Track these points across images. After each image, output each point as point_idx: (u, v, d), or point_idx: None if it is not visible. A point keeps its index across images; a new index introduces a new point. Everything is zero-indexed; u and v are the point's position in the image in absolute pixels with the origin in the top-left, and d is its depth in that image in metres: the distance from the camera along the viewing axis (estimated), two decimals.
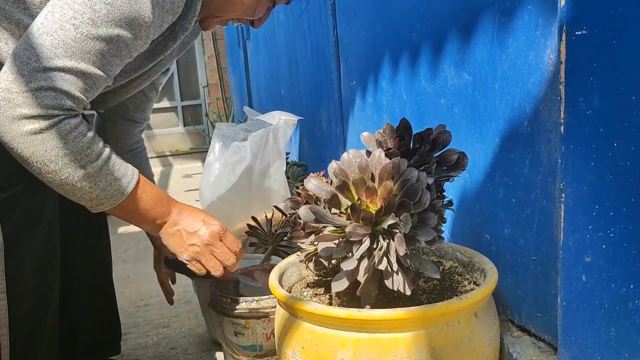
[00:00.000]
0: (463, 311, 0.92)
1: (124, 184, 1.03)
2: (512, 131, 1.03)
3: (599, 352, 0.95)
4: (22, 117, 0.91)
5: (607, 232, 0.91)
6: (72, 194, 1.00)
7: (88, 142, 0.97)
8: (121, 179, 1.03)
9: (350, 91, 1.99)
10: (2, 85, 0.92)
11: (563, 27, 0.85)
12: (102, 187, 1.00)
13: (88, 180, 0.98)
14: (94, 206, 1.03)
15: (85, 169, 0.97)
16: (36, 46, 0.92)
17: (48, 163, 0.95)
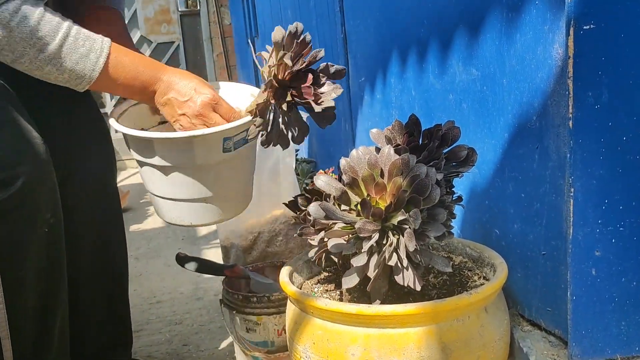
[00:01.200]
0: (473, 306, 0.92)
1: (92, 60, 0.98)
2: (520, 126, 1.03)
3: (609, 346, 0.95)
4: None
5: (617, 226, 0.91)
6: (47, 79, 0.98)
7: (35, 23, 0.94)
8: (88, 55, 0.98)
9: (359, 88, 2.00)
10: None
11: (571, 21, 0.85)
12: (70, 67, 0.97)
13: (51, 64, 0.96)
14: (74, 86, 1.01)
15: (44, 51, 0.94)
16: None
17: (6, 53, 0.94)
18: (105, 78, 1.00)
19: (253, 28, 4.62)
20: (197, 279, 2.12)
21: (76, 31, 0.97)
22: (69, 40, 0.96)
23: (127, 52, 1.03)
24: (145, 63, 1.04)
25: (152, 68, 1.05)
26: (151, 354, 1.62)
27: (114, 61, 1.00)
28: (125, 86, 1.03)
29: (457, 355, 0.91)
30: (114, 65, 1.00)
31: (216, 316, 1.80)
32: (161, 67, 1.06)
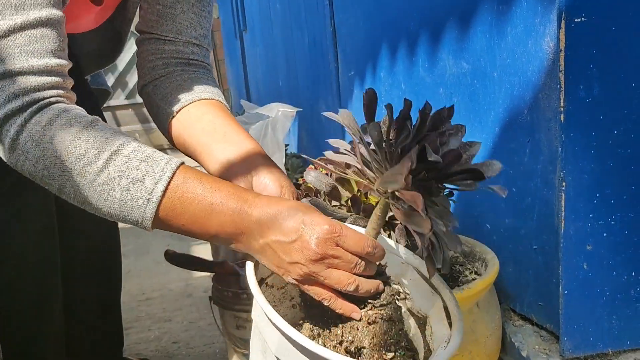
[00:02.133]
0: (465, 301, 0.92)
1: (147, 186, 0.70)
2: (511, 120, 1.03)
3: (601, 340, 0.95)
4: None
5: (608, 220, 0.91)
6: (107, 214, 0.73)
7: (73, 136, 0.70)
8: (143, 179, 0.70)
9: (349, 82, 1.98)
10: None
11: (562, 14, 0.84)
12: (120, 197, 0.70)
13: (97, 192, 0.70)
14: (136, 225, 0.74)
15: (85, 175, 0.69)
16: None
17: (47, 180, 0.71)
18: (167, 215, 0.71)
19: (241, 22, 4.59)
20: (187, 275, 2.10)
21: (132, 149, 0.71)
22: (117, 160, 0.70)
23: (201, 177, 0.73)
24: (228, 193, 0.72)
25: (237, 200, 0.72)
26: (140, 352, 1.60)
27: (180, 189, 0.71)
28: (197, 228, 0.73)
29: None
30: (179, 195, 0.71)
31: (206, 313, 1.78)
32: (248, 198, 0.73)
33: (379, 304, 0.73)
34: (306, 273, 0.69)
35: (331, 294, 0.71)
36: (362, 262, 0.70)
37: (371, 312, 0.73)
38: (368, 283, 0.72)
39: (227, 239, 0.73)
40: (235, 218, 0.71)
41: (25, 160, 0.69)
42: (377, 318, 0.72)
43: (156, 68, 1.02)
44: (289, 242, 0.69)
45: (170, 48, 1.02)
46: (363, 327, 0.72)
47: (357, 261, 0.70)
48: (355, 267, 0.70)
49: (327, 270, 0.69)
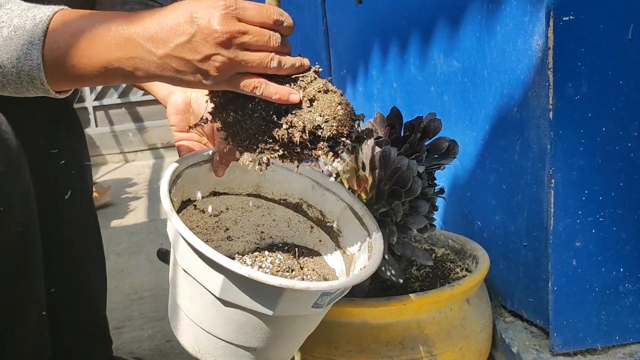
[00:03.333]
0: (455, 298, 0.92)
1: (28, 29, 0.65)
2: (501, 118, 1.03)
3: (590, 335, 0.96)
4: None
5: (597, 217, 0.92)
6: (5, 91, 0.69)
7: None
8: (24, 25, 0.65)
9: (341, 80, 1.99)
10: None
11: (550, 12, 0.85)
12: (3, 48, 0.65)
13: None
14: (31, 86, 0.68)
15: None
16: None
17: None
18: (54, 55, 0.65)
19: None
20: None
21: (15, 3, 0.67)
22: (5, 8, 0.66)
23: (83, 12, 0.68)
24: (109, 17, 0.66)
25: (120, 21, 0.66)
26: (134, 351, 1.60)
27: (60, 26, 0.65)
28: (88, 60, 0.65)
29: (440, 347, 0.91)
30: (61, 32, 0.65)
31: None
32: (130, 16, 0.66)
33: (309, 79, 0.68)
34: (222, 62, 0.63)
35: (260, 79, 0.65)
36: (276, 33, 0.65)
37: (307, 90, 0.67)
38: (290, 58, 0.66)
39: (121, 69, 0.66)
40: (120, 39, 0.64)
41: None
42: (315, 94, 0.67)
43: (115, 6, 0.98)
44: (188, 39, 0.62)
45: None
46: (305, 108, 0.67)
47: (269, 34, 0.64)
48: (269, 40, 0.64)
49: (243, 52, 0.63)
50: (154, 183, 4.01)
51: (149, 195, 3.65)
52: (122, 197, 3.62)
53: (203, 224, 0.88)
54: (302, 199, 0.89)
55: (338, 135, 0.66)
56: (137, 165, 4.89)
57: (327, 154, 0.67)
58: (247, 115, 0.67)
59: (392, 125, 0.98)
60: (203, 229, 0.88)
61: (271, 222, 0.91)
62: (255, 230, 0.91)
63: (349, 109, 0.68)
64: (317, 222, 0.89)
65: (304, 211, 0.89)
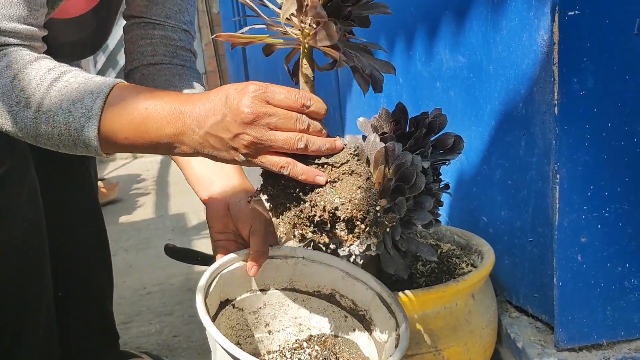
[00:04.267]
0: (461, 293, 0.92)
1: (86, 103, 0.72)
2: (507, 113, 1.03)
3: (595, 331, 0.96)
4: None
5: (602, 212, 0.92)
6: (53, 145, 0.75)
7: (18, 70, 0.73)
8: (83, 99, 0.72)
9: (347, 76, 1.99)
10: None
11: (556, 7, 0.84)
12: (63, 119, 0.72)
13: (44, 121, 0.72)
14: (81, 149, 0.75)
15: (30, 106, 0.72)
16: None
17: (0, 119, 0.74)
18: (110, 129, 0.72)
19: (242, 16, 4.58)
20: (188, 270, 2.11)
21: (72, 75, 0.74)
22: (58, 84, 0.72)
23: (137, 88, 0.75)
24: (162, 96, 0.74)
25: (172, 101, 0.73)
26: (141, 345, 1.62)
27: (117, 101, 0.72)
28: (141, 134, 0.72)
29: (445, 342, 0.91)
30: (117, 107, 0.72)
31: None
32: (181, 97, 0.73)
33: (339, 164, 0.70)
34: (250, 141, 0.67)
35: (287, 159, 0.68)
36: (303, 116, 0.69)
37: (332, 173, 0.70)
38: (319, 139, 0.69)
39: (170, 144, 0.72)
40: (171, 118, 0.70)
41: None
42: (339, 175, 0.70)
43: (145, 54, 1.04)
44: (221, 118, 0.67)
45: (159, 33, 1.04)
46: (328, 189, 0.69)
47: (296, 116, 0.68)
48: (297, 122, 0.68)
49: (270, 132, 0.67)
50: (162, 179, 4.03)
51: (157, 191, 3.67)
52: (130, 193, 3.64)
53: (243, 322, 0.92)
54: (335, 290, 0.91)
55: (352, 219, 0.68)
56: (145, 161, 4.91)
57: (347, 235, 0.69)
58: (280, 190, 0.71)
59: (397, 121, 0.98)
60: (244, 326, 0.92)
61: (307, 314, 0.94)
62: (294, 323, 0.94)
63: (369, 193, 0.69)
64: (350, 311, 0.91)
65: (337, 301, 0.91)
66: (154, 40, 1.05)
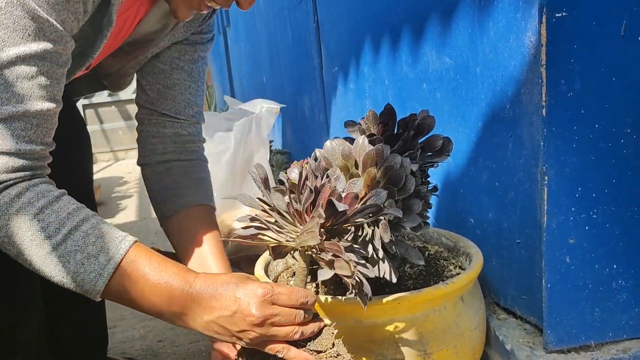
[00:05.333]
0: (449, 296, 0.92)
1: (101, 262, 0.77)
2: (494, 115, 1.03)
3: (583, 332, 0.96)
4: None
5: (590, 214, 0.92)
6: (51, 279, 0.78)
7: (38, 211, 0.76)
8: (97, 256, 0.77)
9: (333, 77, 1.98)
10: None
11: (543, 9, 0.84)
12: (74, 269, 0.76)
13: (53, 264, 0.76)
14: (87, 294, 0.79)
15: (43, 247, 0.76)
16: None
17: (6, 246, 0.77)
18: (117, 289, 0.78)
19: (225, 18, 4.57)
20: None
21: (91, 225, 0.78)
22: (76, 235, 0.76)
23: (150, 256, 0.80)
24: (172, 273, 0.80)
25: (180, 280, 0.79)
26: (126, 351, 1.59)
27: (129, 267, 0.77)
28: (143, 305, 0.79)
29: (434, 345, 0.91)
30: (129, 272, 0.77)
31: None
32: (189, 278, 0.80)
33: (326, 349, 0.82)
34: (255, 337, 0.78)
35: (283, 345, 0.79)
36: (301, 311, 0.79)
37: (320, 357, 0.81)
38: (309, 327, 0.81)
39: (174, 317, 0.80)
40: (179, 299, 0.79)
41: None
42: (327, 358, 0.81)
43: (155, 152, 1.16)
44: (230, 314, 0.77)
45: (169, 131, 1.15)
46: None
47: (296, 313, 0.79)
48: (295, 318, 0.79)
49: (273, 329, 0.78)
50: None
51: (140, 193, 3.64)
52: (112, 195, 3.60)
53: None
54: None
55: None
56: (127, 163, 4.86)
57: None
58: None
59: (385, 123, 0.97)
60: None
61: None
62: None
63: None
64: None
65: None
66: (165, 138, 1.15)
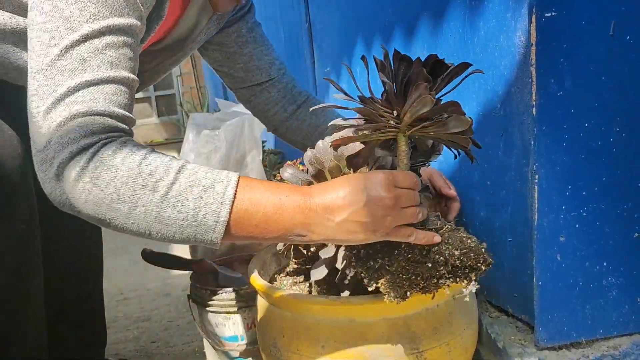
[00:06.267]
0: (441, 294, 0.92)
1: (218, 190, 0.74)
2: (485, 114, 1.04)
3: (575, 329, 0.96)
4: (59, 169, 0.72)
5: (581, 212, 0.92)
6: (170, 237, 0.76)
7: (142, 158, 0.74)
8: (213, 186, 0.75)
9: (325, 76, 1.99)
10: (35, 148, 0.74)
11: (533, 9, 0.85)
12: (194, 205, 0.74)
13: (171, 205, 0.73)
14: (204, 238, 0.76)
15: (157, 190, 0.73)
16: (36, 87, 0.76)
17: (115, 205, 0.73)
18: (240, 217, 0.75)
19: None
20: (165, 274, 2.09)
21: (196, 165, 0.77)
22: (186, 172, 0.75)
23: (261, 181, 0.79)
24: (288, 190, 0.79)
25: (298, 194, 0.78)
26: (119, 352, 1.59)
27: (247, 191, 0.76)
28: (273, 223, 0.77)
29: (427, 343, 0.91)
30: (248, 197, 0.75)
31: (185, 312, 1.78)
32: (304, 190, 0.79)
33: (441, 226, 0.85)
34: (391, 220, 0.77)
35: (412, 229, 0.80)
36: (416, 192, 0.80)
37: (441, 232, 0.84)
38: (424, 209, 0.82)
39: (299, 233, 0.77)
40: (304, 209, 0.76)
41: (93, 187, 0.72)
42: (446, 233, 0.84)
43: (277, 114, 1.30)
44: (362, 206, 0.75)
45: (273, 93, 1.29)
46: (444, 246, 0.82)
47: (413, 193, 0.80)
48: (414, 198, 0.80)
49: (402, 210, 0.78)
50: None
51: None
52: None
53: None
54: None
55: (475, 264, 0.82)
56: None
57: (464, 280, 0.82)
58: (393, 259, 0.82)
59: None
60: None
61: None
62: None
63: (476, 241, 0.84)
64: None
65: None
66: (274, 99, 1.29)
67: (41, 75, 0.75)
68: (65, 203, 0.74)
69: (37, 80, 0.75)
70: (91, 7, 0.76)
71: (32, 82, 0.76)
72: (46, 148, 0.73)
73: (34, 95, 0.75)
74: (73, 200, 0.73)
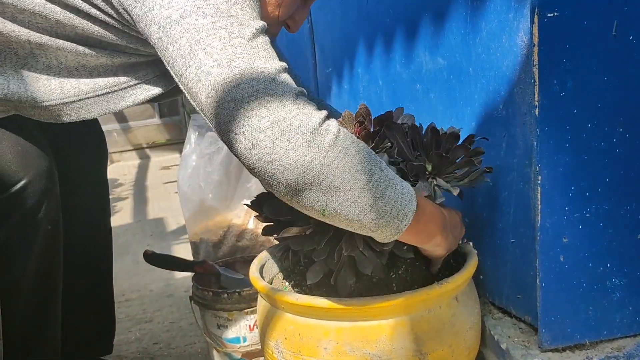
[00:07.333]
0: (444, 296, 0.92)
1: (406, 186, 0.82)
2: (487, 115, 1.03)
3: (578, 331, 0.96)
4: (315, 127, 0.74)
5: (584, 213, 0.92)
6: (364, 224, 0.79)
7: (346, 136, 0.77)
8: (402, 181, 0.82)
9: (327, 78, 1.98)
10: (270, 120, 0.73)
11: (535, 9, 0.85)
12: (399, 189, 0.80)
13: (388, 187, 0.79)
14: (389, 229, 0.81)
15: (382, 169, 0.79)
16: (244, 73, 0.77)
17: (358, 175, 0.76)
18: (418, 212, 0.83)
19: None
20: (167, 276, 2.09)
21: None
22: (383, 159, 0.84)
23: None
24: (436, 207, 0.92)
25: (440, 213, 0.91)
26: (121, 354, 1.59)
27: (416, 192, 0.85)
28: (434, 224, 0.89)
29: (430, 345, 0.91)
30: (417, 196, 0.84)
31: (187, 313, 1.78)
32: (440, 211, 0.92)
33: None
34: (460, 235, 0.98)
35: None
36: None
37: None
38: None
39: (441, 238, 0.91)
40: (442, 223, 0.90)
41: (345, 157, 0.75)
42: None
43: None
44: (455, 225, 0.96)
45: None
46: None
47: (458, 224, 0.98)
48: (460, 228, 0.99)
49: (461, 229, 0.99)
50: (140, 183, 3.99)
51: (135, 195, 3.63)
52: None
53: None
54: None
55: None
56: (123, 165, 4.86)
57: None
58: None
59: (361, 122, 0.97)
60: None
61: None
62: None
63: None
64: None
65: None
66: None
67: (241, 62, 0.76)
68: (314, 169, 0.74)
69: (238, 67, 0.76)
70: (247, 8, 0.82)
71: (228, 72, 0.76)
72: (286, 119, 0.73)
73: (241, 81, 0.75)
74: (324, 166, 0.74)
